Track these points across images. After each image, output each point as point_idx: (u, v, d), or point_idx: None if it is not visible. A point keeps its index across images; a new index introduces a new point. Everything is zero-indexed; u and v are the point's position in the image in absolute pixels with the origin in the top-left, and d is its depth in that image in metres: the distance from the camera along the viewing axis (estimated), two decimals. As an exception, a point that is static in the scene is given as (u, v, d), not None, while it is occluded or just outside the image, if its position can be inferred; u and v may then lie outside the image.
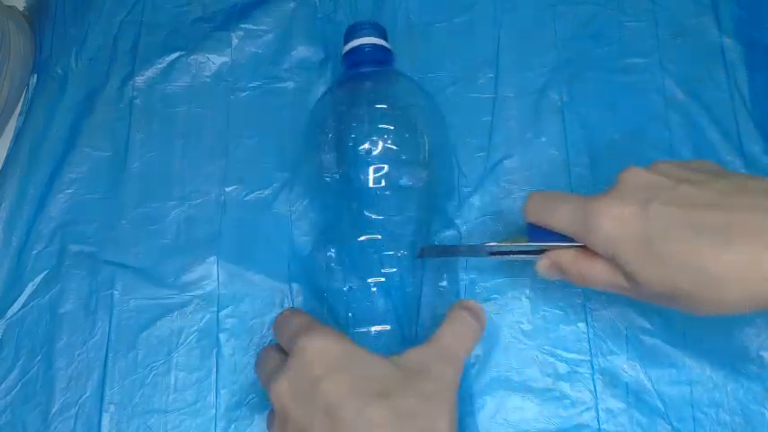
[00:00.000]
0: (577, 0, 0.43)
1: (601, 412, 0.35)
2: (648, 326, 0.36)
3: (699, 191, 0.28)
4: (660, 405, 0.35)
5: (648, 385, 0.35)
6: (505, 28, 0.42)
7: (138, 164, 0.40)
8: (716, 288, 0.26)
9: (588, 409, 0.35)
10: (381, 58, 0.38)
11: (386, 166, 0.34)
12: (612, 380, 0.35)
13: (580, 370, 0.36)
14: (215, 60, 0.42)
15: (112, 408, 0.35)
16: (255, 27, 0.42)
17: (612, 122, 0.40)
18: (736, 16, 0.42)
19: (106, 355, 0.36)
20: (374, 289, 0.34)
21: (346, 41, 0.38)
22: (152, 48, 0.42)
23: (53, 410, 0.35)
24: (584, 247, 0.30)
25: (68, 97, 0.41)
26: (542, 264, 0.32)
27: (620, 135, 0.40)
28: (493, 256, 0.34)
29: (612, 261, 0.29)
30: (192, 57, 0.42)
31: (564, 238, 0.31)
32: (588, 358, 0.36)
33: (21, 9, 0.44)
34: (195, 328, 0.37)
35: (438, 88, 0.41)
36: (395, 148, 0.35)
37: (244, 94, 0.41)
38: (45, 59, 0.42)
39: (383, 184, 0.34)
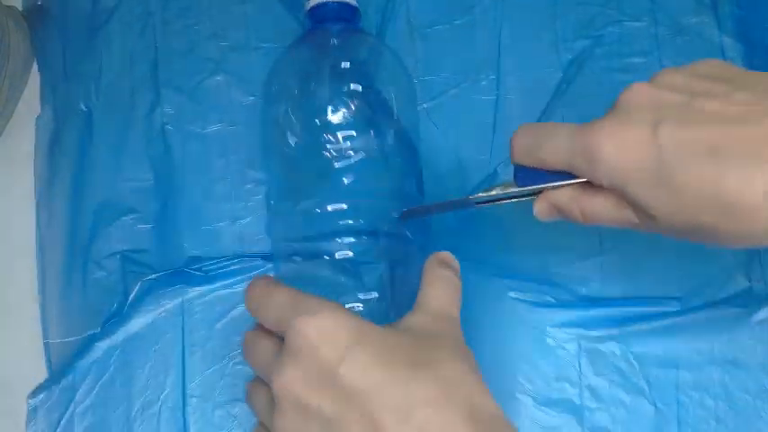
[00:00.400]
0: (578, 1, 0.43)
1: (584, 389, 0.37)
2: (637, 307, 0.38)
3: (718, 105, 0.24)
4: (645, 386, 0.37)
5: (635, 365, 0.37)
6: (506, 29, 0.43)
7: (184, 188, 0.41)
8: (747, 220, 0.23)
9: (572, 385, 0.37)
10: (347, 15, 0.36)
11: (352, 131, 0.33)
12: (598, 358, 0.37)
13: (567, 347, 0.37)
14: (240, 76, 0.42)
15: (195, 401, 0.38)
16: (269, 40, 0.43)
17: None
18: (736, 16, 0.42)
19: (183, 348, 0.38)
20: (344, 261, 0.32)
21: None
22: (173, 72, 0.42)
23: (135, 409, 0.38)
24: (584, 182, 0.27)
25: (97, 132, 0.42)
26: (540, 207, 0.29)
27: None
28: (480, 206, 0.32)
29: (620, 194, 0.26)
30: (216, 77, 0.42)
31: (558, 176, 0.28)
32: (575, 336, 0.37)
33: (20, 9, 0.44)
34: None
35: (440, 90, 0.42)
36: (361, 109, 0.33)
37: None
38: (63, 97, 0.42)
39: (349, 148, 0.33)
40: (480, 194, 0.31)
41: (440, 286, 0.29)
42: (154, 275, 0.39)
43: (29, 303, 0.40)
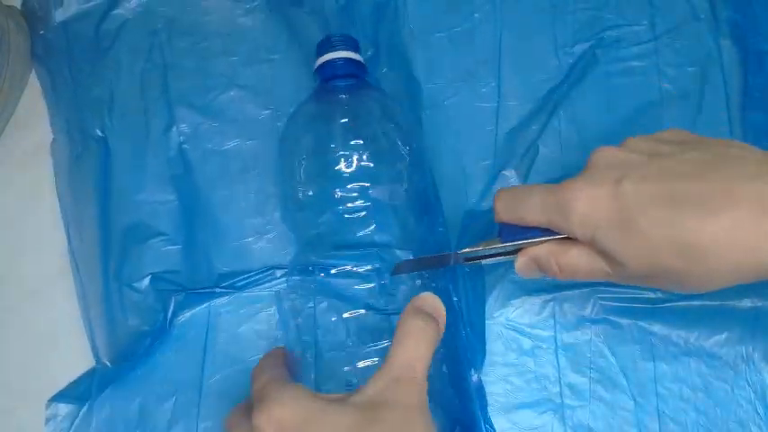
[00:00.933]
0: (576, 6, 0.43)
1: (564, 387, 0.38)
2: (612, 302, 0.38)
3: (673, 163, 0.27)
4: (623, 380, 0.38)
5: (612, 360, 0.38)
6: (506, 35, 0.43)
7: (210, 206, 0.41)
8: (702, 261, 0.25)
9: (552, 383, 0.38)
10: (353, 71, 0.38)
11: (362, 183, 0.34)
12: (576, 355, 0.38)
13: (544, 345, 0.38)
14: (253, 90, 0.43)
15: (210, 399, 0.39)
16: (278, 51, 0.43)
17: (612, 127, 0.42)
18: (733, 21, 0.42)
19: (205, 346, 0.39)
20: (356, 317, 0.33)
21: (319, 55, 0.38)
22: (185, 90, 0.42)
23: (151, 402, 0.38)
24: (560, 238, 0.30)
25: (115, 156, 0.42)
26: (521, 262, 0.31)
27: (620, 139, 0.40)
28: (468, 263, 0.33)
29: (592, 246, 0.28)
30: (229, 92, 0.43)
31: (538, 232, 0.30)
32: (552, 334, 0.38)
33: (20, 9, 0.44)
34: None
35: (440, 98, 0.42)
36: (371, 164, 0.35)
37: (291, 118, 0.41)
38: (77, 124, 0.42)
39: (360, 202, 0.34)
40: (467, 250, 0.32)
41: (410, 340, 0.28)
42: (184, 293, 0.40)
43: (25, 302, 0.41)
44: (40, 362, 0.41)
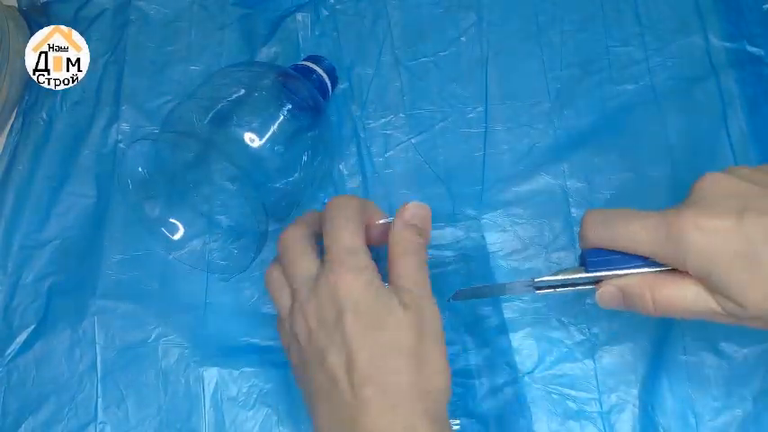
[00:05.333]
0: (563, 28, 0.41)
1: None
2: (657, 362, 0.35)
3: None
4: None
5: (661, 421, 0.34)
6: (492, 59, 0.41)
7: (123, 210, 0.39)
8: None
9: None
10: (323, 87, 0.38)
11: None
12: (621, 417, 0.34)
13: (588, 408, 0.35)
14: None
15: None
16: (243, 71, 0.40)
17: (607, 150, 0.39)
18: (725, 31, 0.40)
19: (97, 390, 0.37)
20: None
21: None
22: (138, 90, 0.41)
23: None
24: (659, 271, 0.27)
25: (54, 142, 0.41)
26: (605, 292, 0.28)
27: (615, 158, 0.39)
28: (539, 291, 0.30)
29: (704, 282, 0.26)
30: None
31: (631, 261, 0.27)
32: (596, 396, 0.35)
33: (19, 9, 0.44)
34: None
35: (428, 124, 0.41)
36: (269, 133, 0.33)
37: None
38: (31, 104, 0.42)
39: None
40: (544, 278, 0.29)
41: (404, 259, 0.29)
42: (73, 315, 0.37)
43: None
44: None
